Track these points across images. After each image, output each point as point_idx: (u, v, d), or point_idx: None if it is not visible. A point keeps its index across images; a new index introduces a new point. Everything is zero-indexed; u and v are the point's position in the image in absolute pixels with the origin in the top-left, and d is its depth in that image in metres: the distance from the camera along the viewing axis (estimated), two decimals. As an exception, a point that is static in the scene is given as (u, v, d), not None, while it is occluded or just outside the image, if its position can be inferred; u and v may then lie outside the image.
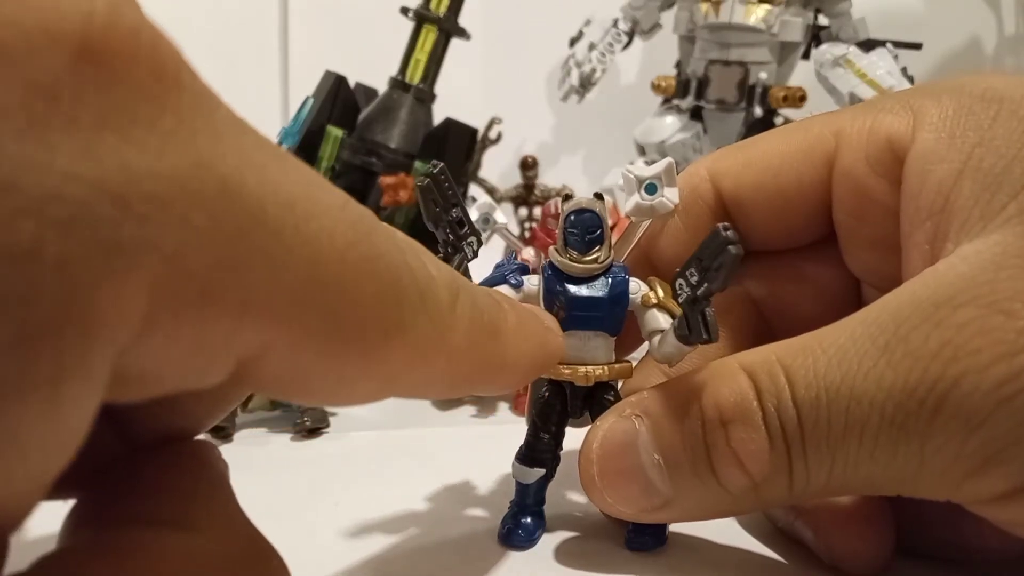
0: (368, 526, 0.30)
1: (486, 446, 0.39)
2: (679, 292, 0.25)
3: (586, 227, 0.27)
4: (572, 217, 0.27)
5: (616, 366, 0.28)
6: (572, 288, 0.27)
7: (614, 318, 0.28)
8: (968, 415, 0.20)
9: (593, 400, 0.28)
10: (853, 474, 0.22)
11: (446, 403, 0.47)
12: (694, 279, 0.24)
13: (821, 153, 0.28)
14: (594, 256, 0.27)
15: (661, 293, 0.27)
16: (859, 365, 0.21)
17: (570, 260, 0.27)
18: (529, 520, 0.29)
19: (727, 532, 0.29)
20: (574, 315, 0.27)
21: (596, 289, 0.27)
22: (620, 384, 0.29)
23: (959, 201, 0.23)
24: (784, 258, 0.30)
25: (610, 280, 0.27)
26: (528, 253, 0.43)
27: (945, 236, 0.23)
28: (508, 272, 0.28)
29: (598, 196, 0.27)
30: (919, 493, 0.22)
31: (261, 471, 0.36)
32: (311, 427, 0.41)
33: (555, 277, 0.28)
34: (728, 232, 0.22)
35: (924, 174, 0.24)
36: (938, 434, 0.20)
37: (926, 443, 0.21)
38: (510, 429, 0.33)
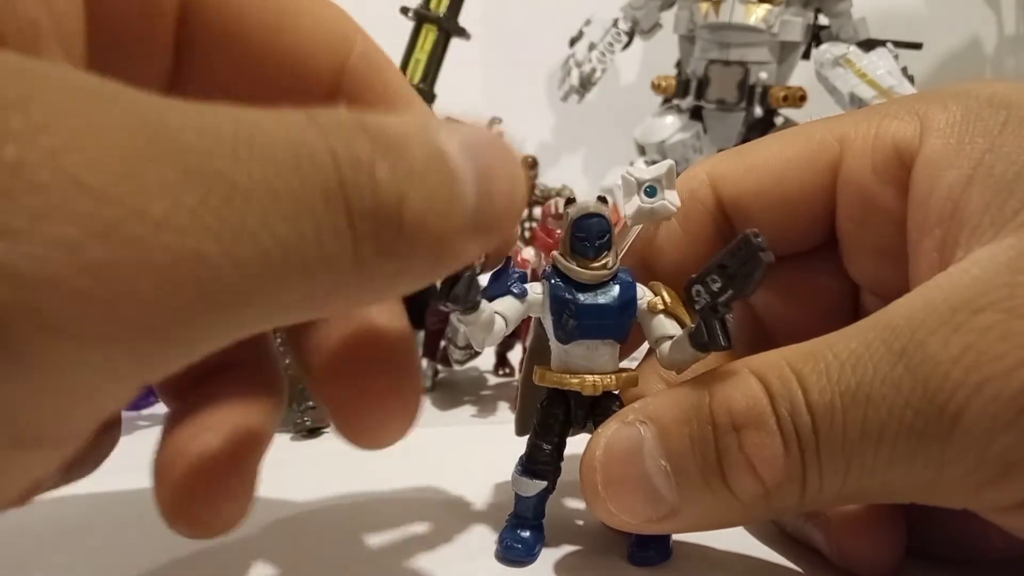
0: (368, 527, 0.30)
1: (486, 446, 0.39)
2: (696, 299, 0.24)
3: (595, 232, 0.26)
4: (580, 222, 0.26)
5: (623, 375, 0.27)
6: (582, 296, 0.26)
7: (623, 326, 0.27)
8: (991, 421, 0.20)
9: (598, 410, 0.28)
10: (868, 481, 0.21)
11: (446, 403, 0.47)
12: (716, 285, 0.23)
13: (825, 159, 0.27)
14: (603, 262, 0.26)
15: (668, 298, 0.26)
16: (875, 370, 0.21)
17: (578, 267, 0.26)
18: (528, 534, 0.28)
19: (734, 539, 0.29)
20: (585, 324, 0.26)
21: (605, 297, 0.26)
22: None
23: (969, 207, 0.22)
24: (782, 263, 0.30)
25: (618, 287, 0.27)
26: (528, 253, 0.42)
27: (955, 242, 0.23)
28: (511, 282, 0.27)
29: (602, 199, 0.27)
30: (935, 501, 0.22)
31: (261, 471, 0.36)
32: (311, 427, 0.41)
33: (562, 285, 0.27)
34: (759, 239, 0.22)
35: (933, 180, 0.24)
36: (959, 440, 0.20)
37: (946, 449, 0.20)
38: (510, 429, 0.33)
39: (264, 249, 0.13)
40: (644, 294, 0.27)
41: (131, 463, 0.37)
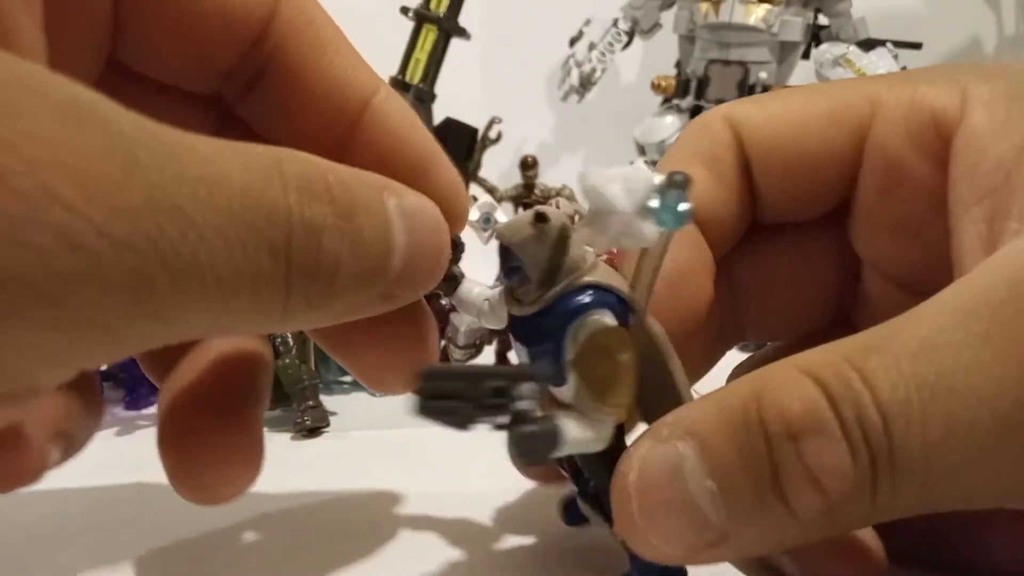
0: (367, 526, 0.30)
1: (486, 446, 0.39)
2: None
3: (503, 259, 0.22)
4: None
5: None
6: (515, 329, 0.23)
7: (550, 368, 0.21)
8: None
9: None
10: (952, 485, 0.19)
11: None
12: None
13: (852, 120, 0.25)
14: (520, 292, 0.22)
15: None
16: (955, 358, 0.18)
17: (511, 297, 0.22)
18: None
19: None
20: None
21: (527, 334, 0.22)
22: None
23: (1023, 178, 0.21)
24: (781, 231, 0.28)
25: (547, 322, 0.21)
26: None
27: (1007, 214, 0.21)
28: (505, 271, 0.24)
29: (538, 217, 0.21)
30: None
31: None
32: (311, 427, 0.41)
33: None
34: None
35: (981, 150, 0.22)
36: None
37: None
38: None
39: (205, 283, 0.15)
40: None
41: (131, 463, 0.37)
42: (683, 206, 0.18)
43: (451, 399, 0.19)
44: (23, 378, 0.14)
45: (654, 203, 0.18)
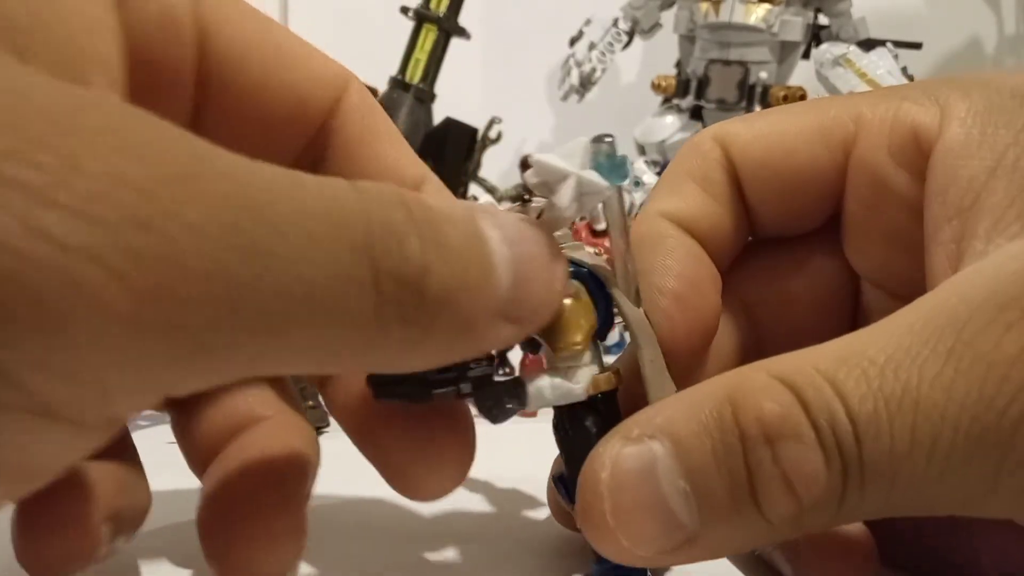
0: (368, 526, 0.30)
1: (487, 444, 0.39)
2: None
3: None
4: None
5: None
6: None
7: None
8: None
9: None
10: (914, 495, 0.20)
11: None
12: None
13: (838, 136, 0.26)
14: None
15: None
16: (920, 374, 0.19)
17: None
18: None
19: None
20: None
21: None
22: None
23: (992, 199, 0.22)
24: (780, 249, 0.29)
25: None
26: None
27: (973, 234, 0.22)
28: None
29: (522, 200, 0.23)
30: (986, 513, 0.20)
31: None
32: (312, 427, 0.41)
33: None
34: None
35: (953, 169, 0.23)
36: (1021, 447, 0.19)
37: (1006, 457, 0.19)
38: (512, 428, 0.33)
39: (286, 282, 0.14)
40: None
41: (131, 463, 0.37)
42: (617, 159, 0.21)
43: (403, 381, 0.21)
44: (101, 398, 0.13)
45: (592, 162, 0.21)
